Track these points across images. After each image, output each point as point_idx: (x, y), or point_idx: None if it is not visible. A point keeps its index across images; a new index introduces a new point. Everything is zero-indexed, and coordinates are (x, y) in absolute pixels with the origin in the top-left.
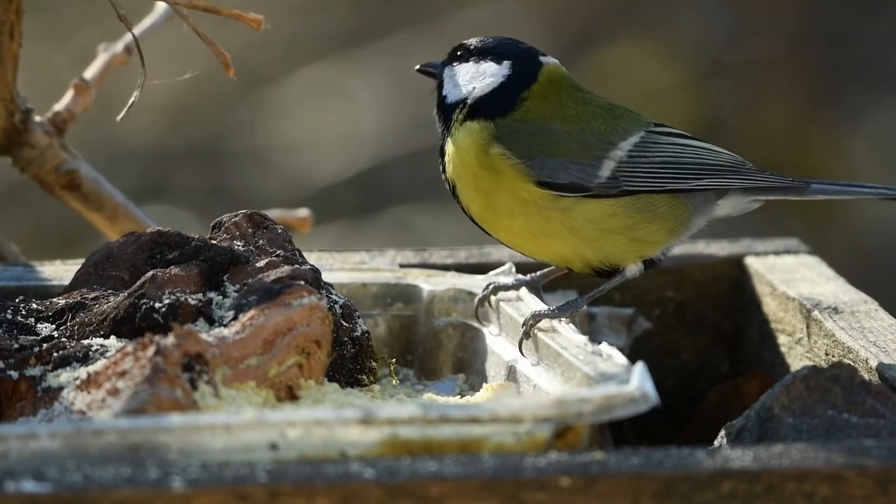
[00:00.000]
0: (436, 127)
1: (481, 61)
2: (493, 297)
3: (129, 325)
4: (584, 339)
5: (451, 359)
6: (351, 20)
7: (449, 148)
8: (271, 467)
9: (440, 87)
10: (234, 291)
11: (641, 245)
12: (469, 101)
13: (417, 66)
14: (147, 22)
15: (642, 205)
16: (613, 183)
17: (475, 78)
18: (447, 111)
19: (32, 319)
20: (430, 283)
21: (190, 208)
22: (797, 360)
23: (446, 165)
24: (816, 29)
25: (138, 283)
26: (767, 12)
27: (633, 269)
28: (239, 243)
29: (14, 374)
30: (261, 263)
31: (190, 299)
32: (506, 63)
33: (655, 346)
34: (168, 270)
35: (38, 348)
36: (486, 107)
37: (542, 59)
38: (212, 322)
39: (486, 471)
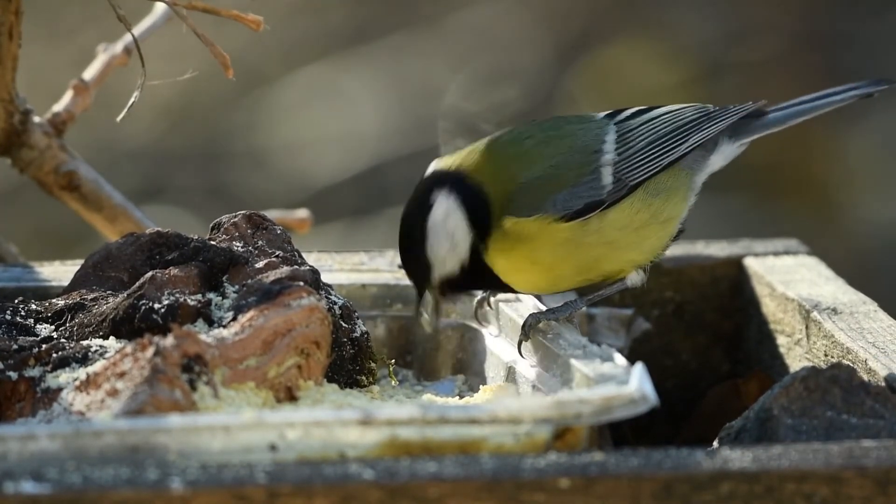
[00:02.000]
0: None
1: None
2: (492, 298)
3: (128, 326)
4: (583, 340)
5: (451, 360)
6: (350, 21)
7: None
8: (270, 468)
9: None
10: (234, 292)
11: (670, 223)
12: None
13: None
14: (146, 23)
15: (653, 189)
16: (619, 185)
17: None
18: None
19: (32, 320)
20: None
21: (189, 209)
22: (796, 360)
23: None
24: (816, 29)
25: (137, 283)
26: (767, 12)
27: (635, 277)
28: (238, 244)
29: (13, 374)
30: (260, 264)
31: (189, 300)
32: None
33: (655, 347)
34: (167, 271)
35: (37, 349)
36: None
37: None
38: (211, 323)
39: (485, 472)
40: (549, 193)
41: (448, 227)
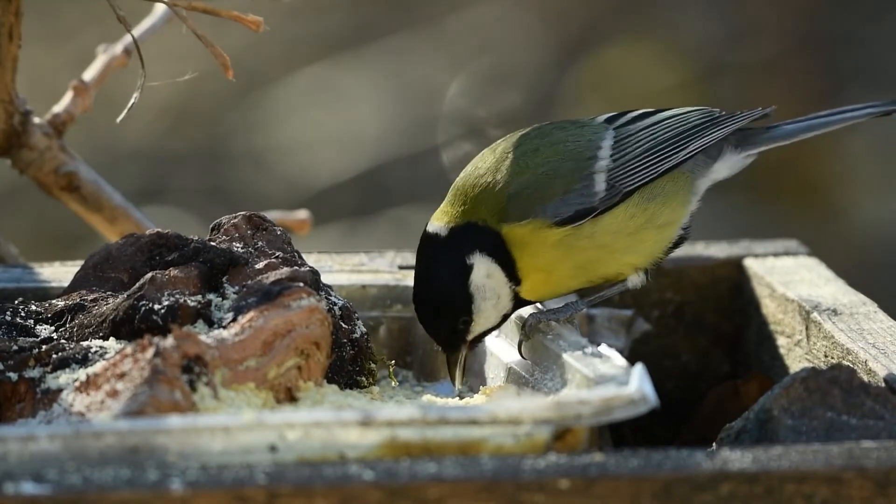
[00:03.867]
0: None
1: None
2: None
3: (128, 327)
4: (583, 340)
5: None
6: (350, 22)
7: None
8: (270, 469)
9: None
10: (234, 293)
11: (667, 227)
12: None
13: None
14: (146, 23)
15: (648, 193)
16: (613, 192)
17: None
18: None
19: (32, 321)
20: None
21: (189, 210)
22: (796, 361)
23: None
24: (816, 29)
25: (137, 284)
26: (767, 13)
27: (635, 278)
28: (238, 245)
29: (13, 375)
30: (260, 265)
31: (189, 301)
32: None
33: (655, 348)
34: (167, 272)
35: (37, 350)
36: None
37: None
38: (211, 324)
39: (485, 473)
40: (538, 202)
41: (491, 285)
